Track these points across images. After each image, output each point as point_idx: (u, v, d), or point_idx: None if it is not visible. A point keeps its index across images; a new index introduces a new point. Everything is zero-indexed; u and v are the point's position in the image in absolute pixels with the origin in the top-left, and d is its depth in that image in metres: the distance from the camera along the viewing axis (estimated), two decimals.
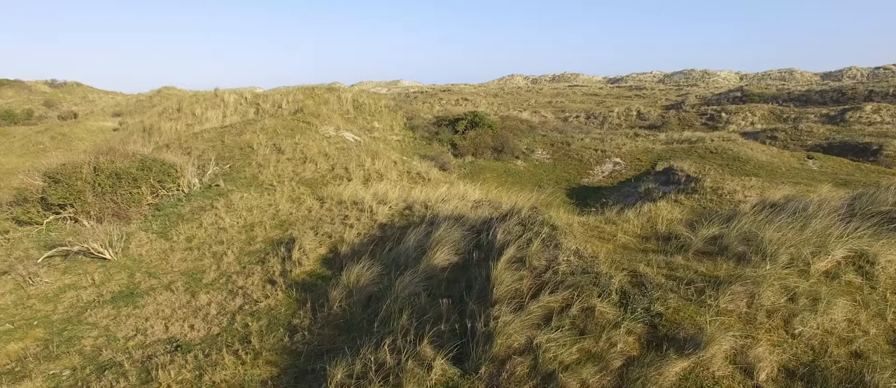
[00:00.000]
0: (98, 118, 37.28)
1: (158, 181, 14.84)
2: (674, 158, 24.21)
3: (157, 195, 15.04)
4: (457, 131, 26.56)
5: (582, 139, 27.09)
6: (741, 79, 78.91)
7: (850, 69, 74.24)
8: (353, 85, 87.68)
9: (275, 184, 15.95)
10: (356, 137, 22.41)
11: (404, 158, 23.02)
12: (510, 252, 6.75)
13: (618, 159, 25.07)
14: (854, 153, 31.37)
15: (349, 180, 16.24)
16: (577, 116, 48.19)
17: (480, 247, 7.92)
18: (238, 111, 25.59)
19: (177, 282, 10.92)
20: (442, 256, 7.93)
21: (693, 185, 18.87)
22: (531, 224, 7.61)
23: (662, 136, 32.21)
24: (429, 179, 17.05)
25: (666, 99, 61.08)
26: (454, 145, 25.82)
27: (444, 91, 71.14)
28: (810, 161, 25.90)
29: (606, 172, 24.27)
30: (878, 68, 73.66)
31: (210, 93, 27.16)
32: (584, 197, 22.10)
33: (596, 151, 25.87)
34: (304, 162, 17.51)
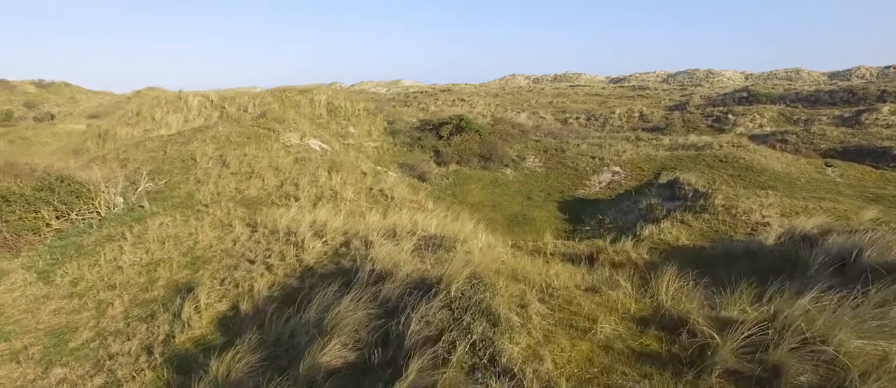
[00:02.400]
0: (73, 120, 34.80)
1: (65, 204, 12.14)
2: (679, 167, 21.23)
3: (67, 219, 12.35)
4: (441, 137, 23.74)
5: (578, 145, 24.16)
6: (746, 79, 75.46)
7: (858, 68, 70.61)
8: (352, 85, 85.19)
9: (209, 204, 13.22)
10: (324, 146, 19.63)
11: (378, 168, 20.23)
12: (412, 373, 3.95)
13: (617, 168, 22.13)
14: (873, 158, 28.27)
15: (296, 200, 13.48)
16: (577, 118, 45.18)
17: (387, 341, 5.11)
18: (202, 115, 22.92)
19: (34, 347, 8.21)
20: (334, 350, 5.14)
21: (702, 201, 15.92)
22: (463, 309, 4.79)
23: (666, 140, 29.17)
24: (391, 198, 14.24)
25: (669, 99, 57.99)
26: (437, 152, 23.00)
27: (444, 91, 68.39)
28: (829, 169, 22.86)
29: (604, 183, 21.34)
30: (888, 67, 69.85)
31: (174, 95, 24.52)
32: (579, 212, 19.22)
33: (593, 158, 22.94)
34: (250, 177, 14.77)
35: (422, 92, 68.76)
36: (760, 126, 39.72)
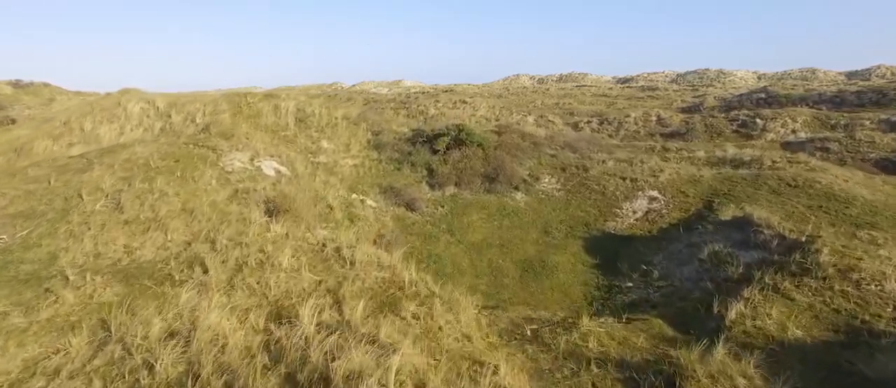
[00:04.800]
0: (31, 126, 29.84)
1: None
2: (735, 193, 15.98)
3: None
4: (436, 152, 18.58)
5: (603, 162, 18.91)
6: (759, 79, 69.86)
7: (878, 67, 64.70)
8: (353, 85, 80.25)
9: (70, 278, 8.16)
10: (281, 168, 14.48)
11: (353, 195, 15.09)
12: None
13: (654, 193, 16.89)
14: None
15: (204, 272, 8.37)
16: (588, 122, 39.96)
17: None
18: (142, 125, 17.85)
19: None
20: None
21: (799, 257, 10.67)
22: None
23: (701, 152, 23.96)
24: (351, 264, 9.07)
25: (682, 100, 52.66)
26: (431, 171, 17.83)
27: (446, 92, 63.26)
28: None
29: (640, 213, 16.12)
30: None
31: (112, 100, 19.50)
32: (613, 256, 14.02)
33: (623, 179, 17.69)
34: (149, 229, 9.67)
35: (423, 93, 63.52)
36: (793, 131, 34.21)
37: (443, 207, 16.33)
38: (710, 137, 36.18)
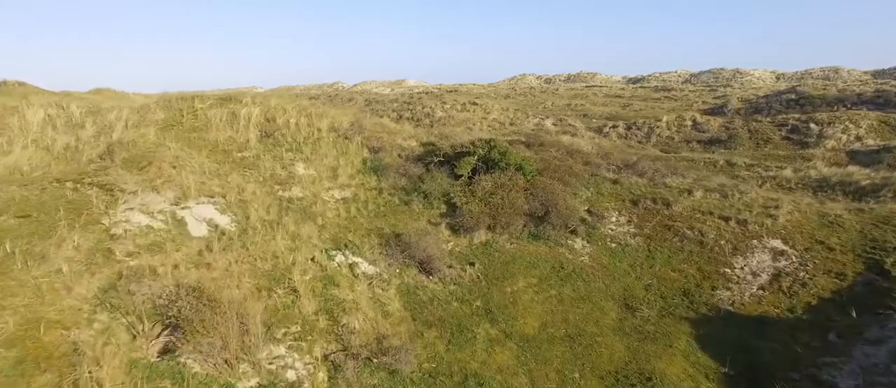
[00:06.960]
0: None
1: None
2: None
3: None
4: (458, 177, 12.79)
5: (689, 193, 13.03)
6: (777, 79, 63.80)
7: None
8: (354, 85, 74.18)
9: None
10: (221, 219, 8.59)
11: (339, 257, 9.22)
12: None
13: (777, 243, 11.07)
14: None
15: None
16: (613, 127, 34.09)
17: None
18: (42, 141, 11.98)
19: None
20: None
21: None
22: None
23: (787, 171, 18.07)
24: None
25: (702, 102, 46.67)
26: (452, 207, 12.03)
27: (451, 92, 57.39)
28: None
29: (765, 277, 10.30)
30: None
31: (8, 104, 13.65)
32: (746, 355, 8.22)
33: (725, 220, 11.84)
34: None
35: (427, 93, 57.52)
36: (858, 138, 28.22)
37: (473, 265, 10.47)
38: (755, 144, 30.38)
